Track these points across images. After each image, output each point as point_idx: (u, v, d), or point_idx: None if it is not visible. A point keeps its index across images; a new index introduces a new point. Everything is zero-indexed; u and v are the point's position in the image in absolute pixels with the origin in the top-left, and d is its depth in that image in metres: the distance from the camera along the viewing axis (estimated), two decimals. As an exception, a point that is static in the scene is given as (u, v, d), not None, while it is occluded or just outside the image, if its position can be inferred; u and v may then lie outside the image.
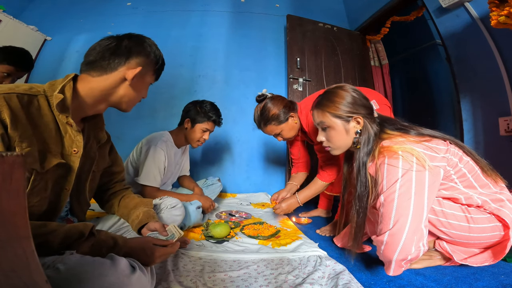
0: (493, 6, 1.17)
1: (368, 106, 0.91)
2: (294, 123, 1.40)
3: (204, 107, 1.52)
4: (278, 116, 1.36)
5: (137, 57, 0.77)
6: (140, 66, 0.77)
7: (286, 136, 1.42)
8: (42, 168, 0.66)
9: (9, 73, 1.44)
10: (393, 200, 0.74)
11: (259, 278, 0.84)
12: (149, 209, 0.97)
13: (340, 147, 0.94)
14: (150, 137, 1.51)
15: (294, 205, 1.41)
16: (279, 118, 1.36)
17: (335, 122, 0.91)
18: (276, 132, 1.40)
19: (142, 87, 0.82)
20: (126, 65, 0.75)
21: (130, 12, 2.64)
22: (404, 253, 0.73)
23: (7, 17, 2.19)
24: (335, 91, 0.94)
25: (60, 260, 0.51)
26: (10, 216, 0.27)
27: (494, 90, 1.52)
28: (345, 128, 0.91)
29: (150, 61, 0.80)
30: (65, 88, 0.70)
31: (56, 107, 0.68)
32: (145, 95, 0.86)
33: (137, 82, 0.79)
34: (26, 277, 0.29)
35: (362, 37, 2.77)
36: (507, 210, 0.79)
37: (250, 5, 2.74)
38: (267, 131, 1.42)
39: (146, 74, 0.81)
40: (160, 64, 0.84)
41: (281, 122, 1.37)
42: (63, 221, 0.86)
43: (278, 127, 1.38)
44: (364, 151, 0.86)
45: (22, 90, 0.65)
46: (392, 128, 0.89)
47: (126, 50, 0.76)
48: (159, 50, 0.84)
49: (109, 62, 0.74)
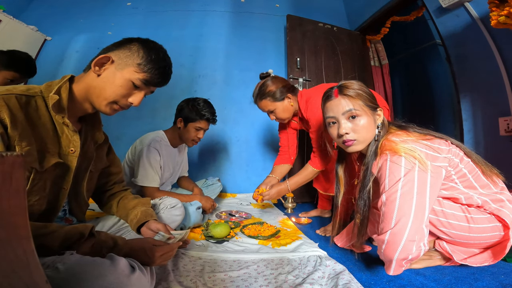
0: (493, 6, 1.17)
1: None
2: (289, 105, 1.41)
3: (197, 105, 1.48)
4: (274, 93, 1.38)
5: (114, 51, 0.75)
6: (110, 57, 0.73)
7: (279, 115, 1.43)
8: (41, 167, 0.67)
9: (14, 79, 1.46)
10: (395, 200, 0.74)
11: (259, 278, 0.84)
12: (147, 208, 0.97)
13: (366, 140, 0.87)
14: (144, 137, 1.49)
15: (283, 191, 1.42)
16: (275, 95, 1.38)
17: (366, 111, 0.86)
18: (270, 109, 1.42)
19: (115, 80, 0.73)
20: (98, 58, 0.73)
21: (130, 12, 2.63)
22: (405, 253, 0.73)
23: (7, 17, 2.19)
24: (357, 82, 0.90)
25: (59, 260, 0.51)
26: (10, 216, 0.27)
27: (494, 90, 1.52)
28: (374, 119, 0.88)
29: (132, 55, 0.74)
30: (61, 89, 0.71)
31: (52, 107, 0.69)
32: (123, 91, 0.75)
33: (109, 74, 0.73)
34: (26, 277, 0.29)
35: (362, 37, 2.77)
36: (507, 210, 0.79)
37: (250, 5, 2.74)
38: (261, 106, 1.44)
39: (124, 68, 0.74)
40: (154, 64, 0.76)
41: (276, 100, 1.39)
42: (62, 220, 0.87)
43: (272, 104, 1.40)
44: (374, 146, 0.86)
45: (20, 91, 0.66)
46: (396, 125, 0.90)
47: (108, 48, 0.76)
48: (158, 53, 0.78)
49: (92, 59, 0.74)
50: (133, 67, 0.74)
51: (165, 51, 0.82)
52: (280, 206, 1.95)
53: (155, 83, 0.79)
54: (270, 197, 1.41)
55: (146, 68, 0.75)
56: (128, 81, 0.74)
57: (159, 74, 0.78)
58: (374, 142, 0.87)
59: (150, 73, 0.76)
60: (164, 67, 0.79)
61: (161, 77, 0.79)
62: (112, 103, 0.76)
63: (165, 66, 0.79)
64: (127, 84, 0.75)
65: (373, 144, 0.87)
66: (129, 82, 0.74)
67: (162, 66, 0.78)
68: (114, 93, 0.74)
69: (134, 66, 0.74)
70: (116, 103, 0.77)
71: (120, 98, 0.76)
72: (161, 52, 0.79)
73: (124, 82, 0.74)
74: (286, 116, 1.45)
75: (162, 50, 0.80)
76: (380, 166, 0.81)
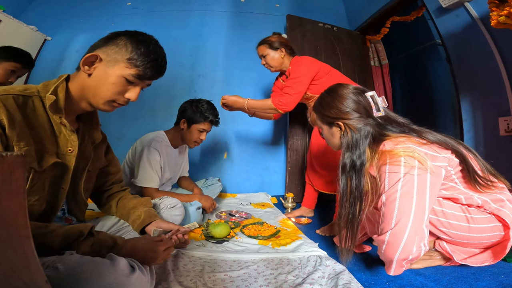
0: (493, 6, 1.17)
1: (355, 110, 0.88)
2: (280, 57, 1.61)
3: (201, 106, 1.48)
4: (272, 43, 1.61)
5: (101, 48, 0.72)
6: (98, 54, 0.70)
7: (269, 62, 1.62)
8: (40, 167, 0.67)
9: (15, 69, 1.54)
10: (395, 200, 0.74)
11: (259, 278, 0.84)
12: (149, 208, 0.97)
13: (333, 146, 1.00)
14: (144, 137, 1.49)
15: (240, 104, 1.54)
16: (272, 45, 1.60)
17: (322, 125, 0.98)
18: (263, 54, 1.63)
19: (107, 78, 0.71)
20: (85, 57, 0.70)
21: (130, 12, 2.63)
22: (406, 253, 0.73)
23: (7, 17, 2.18)
24: (324, 95, 0.98)
25: (59, 260, 0.51)
26: (10, 216, 0.27)
27: (494, 90, 1.52)
28: (330, 133, 0.96)
29: (120, 50, 0.71)
30: (58, 89, 0.71)
31: (49, 108, 0.68)
32: (118, 88, 0.73)
33: (100, 73, 0.71)
34: (26, 277, 0.29)
35: (362, 37, 2.76)
36: (507, 210, 0.79)
37: (250, 5, 2.74)
38: (259, 50, 1.66)
39: (115, 65, 0.71)
40: (145, 57, 0.73)
41: (271, 47, 1.60)
42: (62, 220, 0.87)
43: (266, 50, 1.61)
44: (348, 155, 0.86)
45: (17, 91, 0.65)
46: (397, 130, 0.87)
47: (96, 44, 0.74)
48: (148, 45, 0.74)
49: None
50: (123, 62, 0.71)
51: (155, 42, 0.77)
52: (280, 206, 1.95)
53: (149, 76, 0.75)
54: (227, 101, 1.54)
55: (137, 63, 0.72)
56: (120, 77, 0.72)
57: (152, 67, 0.74)
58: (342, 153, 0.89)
59: (142, 67, 0.72)
60: (156, 59, 0.75)
61: (154, 70, 0.75)
62: (110, 101, 0.75)
63: (157, 58, 0.75)
64: (120, 81, 0.72)
65: (345, 154, 0.88)
66: (121, 78, 0.72)
67: (153, 58, 0.74)
68: (109, 91, 0.72)
69: (124, 61, 0.71)
70: (114, 101, 0.75)
71: (116, 95, 0.74)
72: (151, 44, 0.74)
73: (117, 79, 0.72)
74: (274, 65, 1.63)
75: (152, 42, 0.76)
76: (379, 167, 0.80)
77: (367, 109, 0.89)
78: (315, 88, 1.55)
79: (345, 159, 0.87)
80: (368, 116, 0.88)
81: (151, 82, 0.80)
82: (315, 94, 1.57)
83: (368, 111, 0.88)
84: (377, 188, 0.81)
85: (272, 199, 2.15)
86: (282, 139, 2.59)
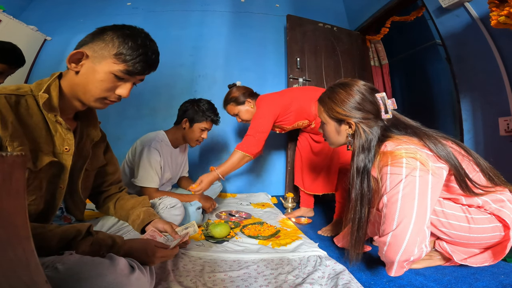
0: (493, 6, 1.17)
1: (368, 110, 0.87)
2: (250, 107, 1.62)
3: (202, 106, 1.51)
4: (237, 98, 1.61)
5: (88, 44, 0.70)
6: (84, 51, 0.68)
7: (243, 117, 1.63)
8: (35, 167, 0.66)
9: (2, 71, 1.42)
10: (397, 201, 0.74)
11: (259, 278, 0.84)
12: (148, 207, 0.97)
13: (334, 143, 0.98)
14: (144, 137, 1.50)
15: (214, 179, 1.41)
16: (238, 100, 1.61)
17: (328, 120, 0.94)
18: (235, 112, 1.64)
19: (95, 75, 0.69)
20: (71, 55, 0.68)
21: (130, 12, 2.63)
22: (407, 254, 0.72)
23: (7, 17, 2.18)
24: (337, 89, 0.91)
25: (59, 260, 0.51)
26: (10, 216, 0.27)
27: (494, 90, 1.51)
28: (336, 129, 0.93)
29: (106, 46, 0.68)
30: (51, 87, 0.70)
31: (42, 106, 0.67)
32: (107, 85, 0.70)
33: (88, 70, 0.69)
34: (26, 277, 0.29)
35: (362, 37, 2.77)
36: (508, 211, 0.79)
37: (250, 5, 2.74)
38: (228, 110, 1.67)
39: (102, 61, 0.68)
40: (133, 52, 0.69)
41: (238, 103, 1.61)
42: (61, 219, 0.87)
43: (236, 108, 1.62)
44: (362, 157, 0.85)
45: (9, 91, 0.65)
46: (403, 133, 0.85)
47: (83, 41, 0.72)
48: (136, 39, 0.70)
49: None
50: (110, 58, 0.68)
51: (145, 35, 0.73)
52: (280, 206, 1.95)
53: (138, 72, 0.72)
54: (200, 188, 1.37)
55: (125, 58, 0.68)
56: (108, 74, 0.69)
57: (141, 62, 0.70)
58: (355, 154, 0.87)
59: (130, 62, 0.69)
60: (146, 53, 0.71)
61: (144, 64, 0.71)
62: (101, 98, 0.72)
63: (146, 52, 0.71)
64: (109, 77, 0.69)
65: (357, 157, 0.86)
66: (110, 75, 0.69)
67: (143, 52, 0.70)
68: (98, 89, 0.69)
69: (111, 57, 0.68)
70: (105, 98, 0.72)
71: (106, 92, 0.71)
72: (139, 38, 0.70)
73: (105, 76, 0.69)
74: (249, 118, 1.63)
75: (141, 35, 0.72)
76: (381, 168, 0.80)
77: (379, 110, 0.88)
78: (288, 121, 1.57)
79: (359, 161, 0.85)
80: (378, 118, 0.88)
81: (144, 78, 0.77)
82: (291, 125, 1.59)
83: (379, 112, 0.88)
84: (379, 189, 0.81)
85: (272, 199, 2.15)
86: (282, 139, 2.59)
